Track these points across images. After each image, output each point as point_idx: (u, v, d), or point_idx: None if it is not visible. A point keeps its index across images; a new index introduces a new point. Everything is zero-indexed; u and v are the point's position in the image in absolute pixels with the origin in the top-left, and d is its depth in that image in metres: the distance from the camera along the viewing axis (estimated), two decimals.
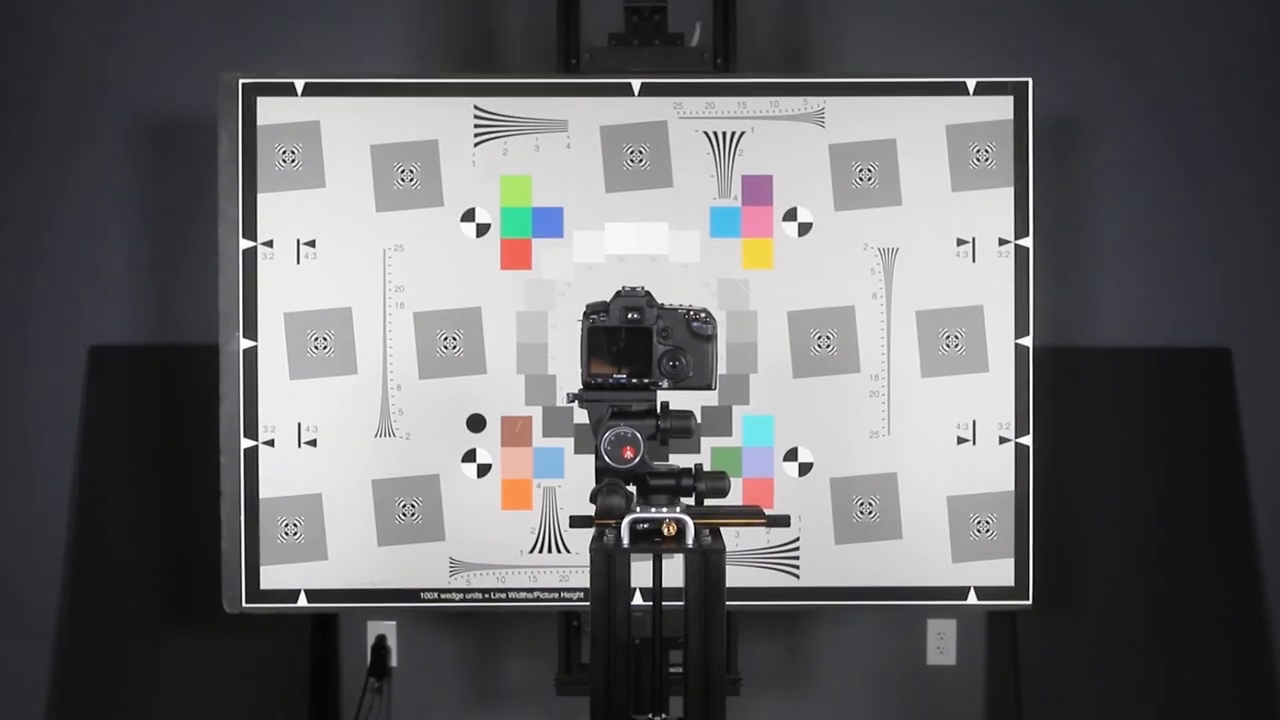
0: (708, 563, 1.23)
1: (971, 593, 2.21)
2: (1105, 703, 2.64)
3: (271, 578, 2.20)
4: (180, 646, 2.67)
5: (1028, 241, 2.23)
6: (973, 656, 2.91)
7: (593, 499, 1.28)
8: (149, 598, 2.69)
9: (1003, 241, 2.23)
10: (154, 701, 2.65)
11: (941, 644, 2.91)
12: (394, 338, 2.20)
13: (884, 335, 2.22)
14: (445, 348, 2.20)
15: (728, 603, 1.30)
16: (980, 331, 2.23)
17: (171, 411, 2.73)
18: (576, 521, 1.41)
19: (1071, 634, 2.66)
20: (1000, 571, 2.22)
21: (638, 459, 1.27)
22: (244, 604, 2.20)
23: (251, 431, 2.19)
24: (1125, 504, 2.70)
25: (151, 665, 2.66)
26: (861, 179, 2.22)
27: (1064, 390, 2.66)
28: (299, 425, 2.20)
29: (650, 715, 1.24)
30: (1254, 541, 2.77)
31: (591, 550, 1.25)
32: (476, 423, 2.20)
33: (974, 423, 2.22)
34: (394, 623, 2.89)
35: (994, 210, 2.23)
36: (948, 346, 2.22)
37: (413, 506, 2.19)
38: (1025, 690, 2.65)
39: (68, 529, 2.81)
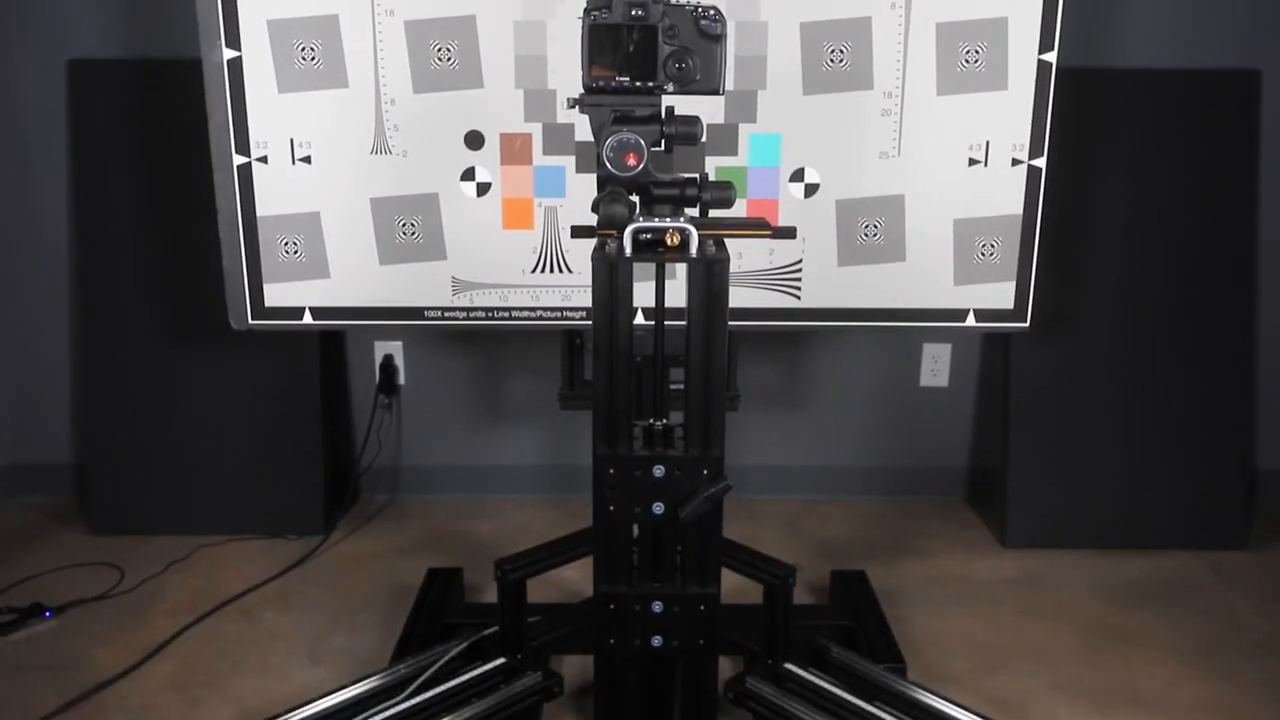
0: (711, 272, 1.21)
1: (970, 315, 2.23)
2: (1092, 425, 2.73)
3: (275, 296, 2.21)
4: (193, 363, 2.74)
5: None
6: (965, 379, 2.99)
7: (594, 208, 1.25)
8: (157, 317, 2.73)
9: None
10: (171, 415, 2.75)
11: (935, 367, 2.98)
12: (384, 48, 2.09)
13: (900, 49, 2.11)
14: (439, 60, 2.10)
15: (729, 322, 1.30)
16: (1003, 46, 2.11)
17: (160, 128, 2.65)
18: (578, 232, 1.39)
19: (1063, 359, 2.72)
20: (1000, 294, 2.22)
21: (641, 166, 1.23)
22: (250, 321, 2.22)
23: (243, 147, 2.13)
24: (1131, 229, 2.68)
25: (166, 382, 2.74)
26: None
27: (1082, 112, 2.57)
28: (291, 141, 2.13)
29: (651, 421, 1.27)
30: (1254, 272, 2.77)
31: (594, 260, 1.24)
32: (474, 139, 2.13)
33: (987, 143, 2.16)
34: (400, 342, 2.95)
35: None
36: (967, 62, 2.12)
37: (413, 225, 2.17)
38: (1014, 412, 2.75)
39: (69, 247, 2.81)
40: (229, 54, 2.08)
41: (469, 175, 2.15)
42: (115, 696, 2.09)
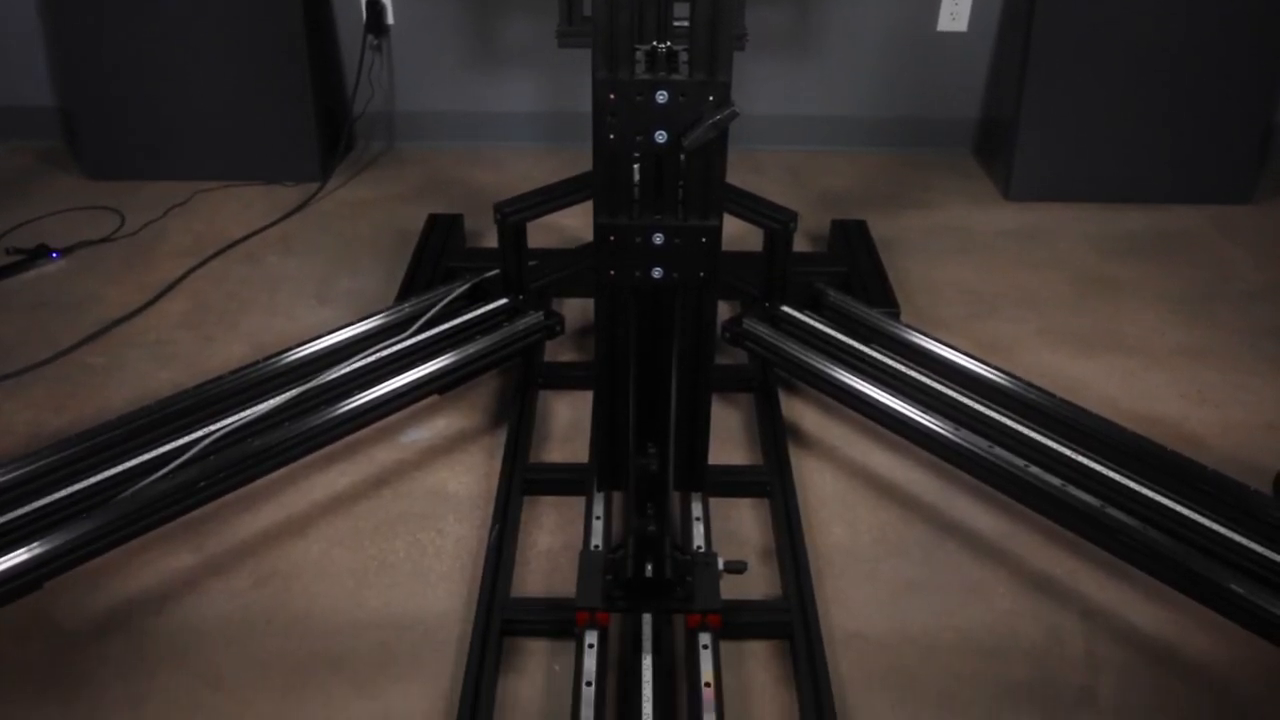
0: None
1: None
2: (1110, 77, 2.61)
3: None
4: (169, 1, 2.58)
5: None
6: (985, 25, 2.84)
7: None
8: None
9: None
10: (153, 56, 2.63)
11: (955, 9, 2.81)
12: None
13: None
14: None
15: None
16: None
17: None
18: None
19: (1090, 3, 2.55)
20: None
21: None
22: None
23: None
24: None
25: (143, 20, 2.59)
26: None
27: None
28: None
29: (654, 44, 1.20)
30: None
31: None
32: None
33: None
34: None
35: None
36: None
37: None
38: (1032, 59, 2.62)
39: None
40: None
41: None
42: (131, 332, 2.16)
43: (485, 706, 1.36)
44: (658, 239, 1.20)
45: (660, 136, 1.13)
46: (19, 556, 1.40)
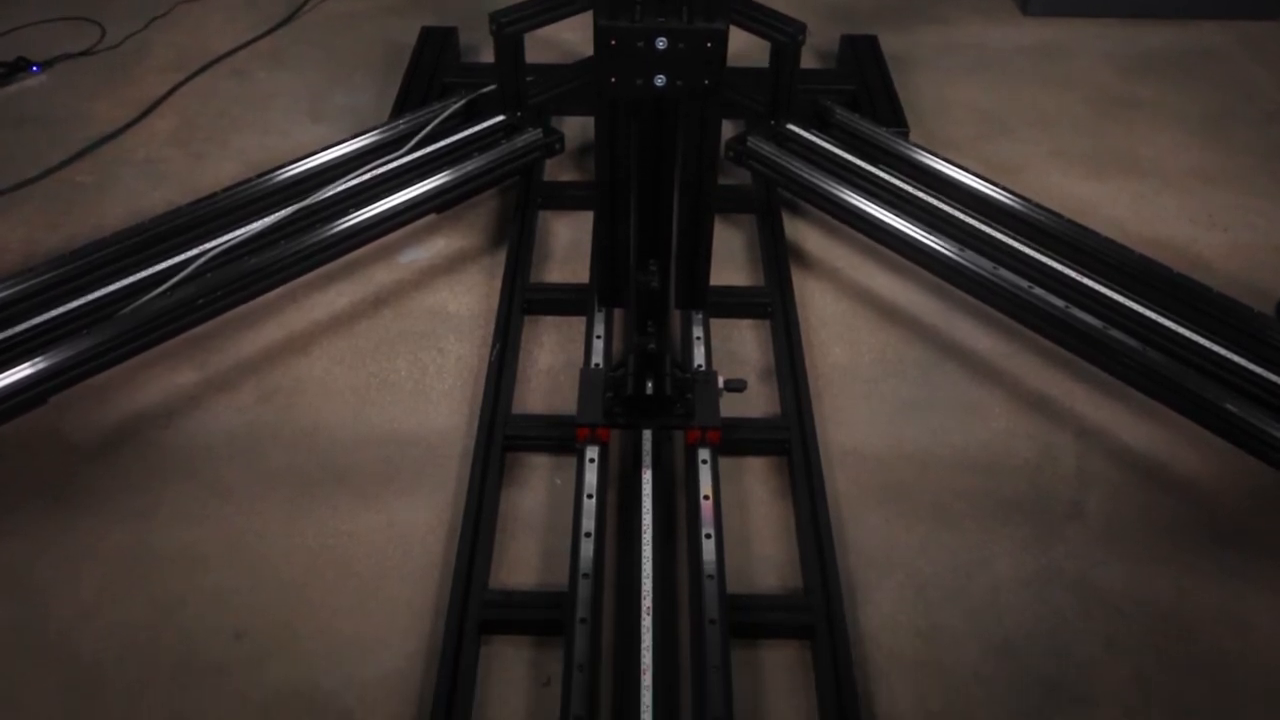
0: None
1: None
2: None
3: None
4: None
5: None
6: None
7: None
8: None
9: None
10: None
11: None
12: None
13: None
14: None
15: None
16: None
17: None
18: None
19: None
20: None
21: None
22: None
23: None
24: None
25: None
26: None
27: None
28: None
29: None
30: None
31: None
32: None
33: None
34: None
35: None
36: None
37: None
38: None
39: None
40: None
41: None
42: (119, 149, 2.10)
43: (488, 517, 1.40)
44: (660, 43, 1.14)
45: None
46: (22, 371, 1.41)
